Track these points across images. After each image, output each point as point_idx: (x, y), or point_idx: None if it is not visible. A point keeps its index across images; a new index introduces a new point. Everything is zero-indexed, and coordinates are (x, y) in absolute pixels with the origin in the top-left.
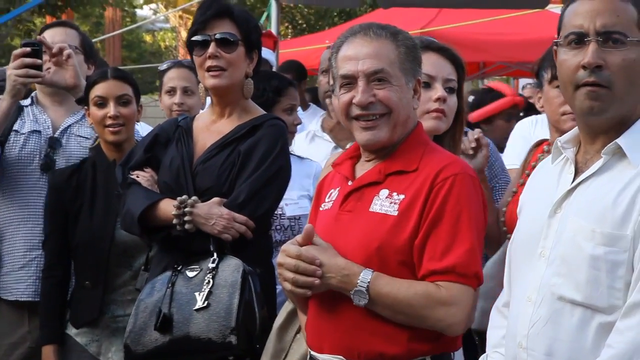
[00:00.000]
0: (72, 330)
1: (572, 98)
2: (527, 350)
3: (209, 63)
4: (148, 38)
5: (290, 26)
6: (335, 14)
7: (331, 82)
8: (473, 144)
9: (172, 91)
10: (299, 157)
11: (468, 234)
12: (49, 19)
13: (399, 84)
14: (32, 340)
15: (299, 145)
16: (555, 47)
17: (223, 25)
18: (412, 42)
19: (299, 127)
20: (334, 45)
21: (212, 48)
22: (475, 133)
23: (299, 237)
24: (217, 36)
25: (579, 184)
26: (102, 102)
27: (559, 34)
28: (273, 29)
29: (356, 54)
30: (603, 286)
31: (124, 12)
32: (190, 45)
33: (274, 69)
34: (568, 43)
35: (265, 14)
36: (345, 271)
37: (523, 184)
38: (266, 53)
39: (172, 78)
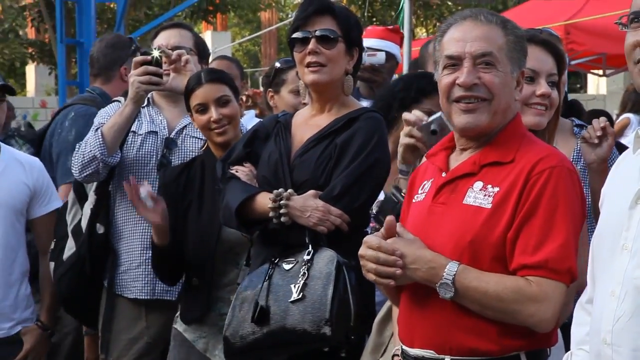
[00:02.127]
0: (181, 327)
1: (634, 79)
2: (612, 346)
3: (308, 59)
4: None
5: (437, 23)
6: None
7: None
8: (599, 133)
9: (299, 91)
10: None
11: (563, 228)
12: (205, 25)
13: (505, 71)
14: (149, 336)
15: None
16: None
17: (324, 21)
18: (521, 33)
19: None
20: (440, 29)
21: (312, 44)
22: (602, 121)
23: (383, 230)
24: (318, 33)
25: None
26: (203, 109)
27: None
28: (405, 24)
29: (464, 36)
30: None
31: (280, 14)
32: (292, 42)
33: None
34: (630, 22)
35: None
36: (431, 263)
37: None
38: (393, 48)
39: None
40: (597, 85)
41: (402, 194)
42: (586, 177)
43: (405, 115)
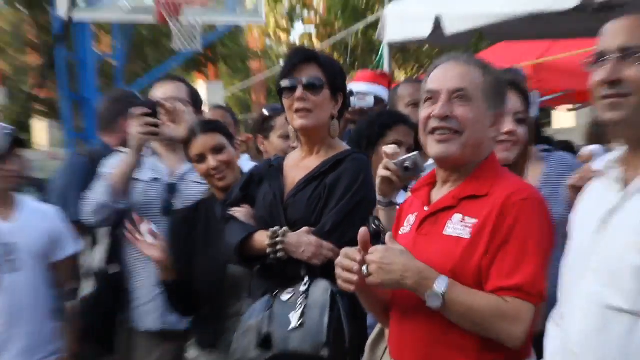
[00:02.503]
0: (192, 355)
1: (600, 113)
2: (579, 357)
3: (297, 105)
4: None
5: (415, 67)
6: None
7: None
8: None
9: (288, 136)
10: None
11: (534, 255)
12: (197, 75)
13: (479, 108)
14: None
15: None
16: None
17: (310, 69)
18: (501, 77)
19: None
20: (428, 71)
21: (299, 91)
22: (592, 168)
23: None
24: (304, 81)
25: (626, 199)
26: (201, 158)
27: None
28: (385, 68)
29: (444, 74)
30: None
31: (268, 63)
32: (280, 90)
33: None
34: (595, 61)
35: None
36: (423, 274)
37: None
38: (381, 92)
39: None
40: (562, 119)
41: (379, 224)
42: (554, 201)
43: (385, 148)
